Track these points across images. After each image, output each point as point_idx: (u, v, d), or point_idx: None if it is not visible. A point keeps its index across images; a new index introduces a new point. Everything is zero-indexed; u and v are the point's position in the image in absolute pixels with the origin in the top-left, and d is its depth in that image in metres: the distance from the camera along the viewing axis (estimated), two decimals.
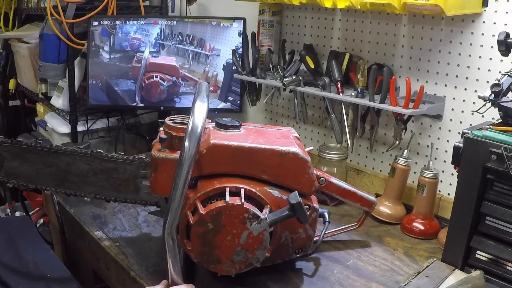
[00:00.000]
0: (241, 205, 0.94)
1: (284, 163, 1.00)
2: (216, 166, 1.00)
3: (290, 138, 1.07)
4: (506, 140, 0.99)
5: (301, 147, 1.04)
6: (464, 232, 1.08)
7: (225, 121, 1.06)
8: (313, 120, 1.74)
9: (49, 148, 1.11)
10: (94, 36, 1.90)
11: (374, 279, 1.10)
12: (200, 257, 0.97)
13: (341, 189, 1.17)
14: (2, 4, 2.65)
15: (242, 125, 1.09)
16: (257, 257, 0.98)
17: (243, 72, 1.72)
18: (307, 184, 1.03)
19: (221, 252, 0.96)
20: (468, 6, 1.23)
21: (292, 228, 1.04)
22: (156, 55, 1.90)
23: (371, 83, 1.38)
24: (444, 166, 1.39)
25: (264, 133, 1.09)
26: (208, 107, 0.96)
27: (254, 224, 0.95)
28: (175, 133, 1.03)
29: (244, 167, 1.00)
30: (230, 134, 1.04)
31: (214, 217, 0.94)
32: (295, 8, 1.73)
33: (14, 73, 2.58)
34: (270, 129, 1.13)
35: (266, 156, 1.00)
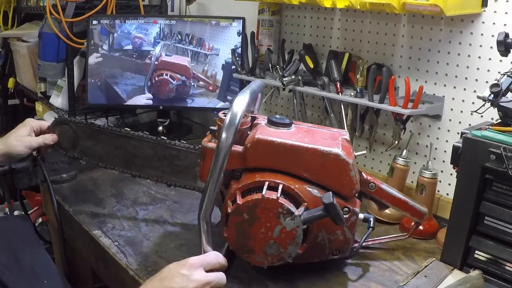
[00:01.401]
0: (276, 199, 0.96)
1: (326, 163, 1.00)
2: (259, 161, 1.03)
3: (338, 140, 1.06)
4: (505, 140, 0.99)
5: (346, 150, 1.03)
6: (463, 232, 1.08)
7: (277, 118, 1.09)
8: (312, 119, 1.74)
9: (119, 132, 1.23)
10: (93, 35, 1.90)
11: (373, 279, 1.11)
12: (235, 245, 1.01)
13: (391, 197, 1.15)
14: (2, 3, 2.64)
15: (293, 124, 1.10)
16: (289, 252, 0.99)
17: (242, 72, 1.72)
18: (347, 186, 1.02)
19: (255, 243, 0.99)
20: (468, 7, 1.24)
21: (330, 228, 1.03)
22: (169, 54, 1.90)
23: (370, 83, 1.38)
24: (443, 166, 1.39)
25: (313, 132, 1.09)
26: (248, 101, 0.98)
27: (288, 220, 0.96)
28: (222, 124, 1.06)
29: (286, 164, 1.01)
30: (278, 131, 1.05)
31: (250, 208, 0.97)
32: (295, 7, 1.73)
33: (13, 72, 2.58)
34: (321, 130, 1.13)
35: (308, 155, 1.00)
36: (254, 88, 1.08)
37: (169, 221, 1.31)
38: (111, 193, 1.47)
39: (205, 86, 1.90)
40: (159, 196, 1.46)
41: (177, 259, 1.15)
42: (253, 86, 1.09)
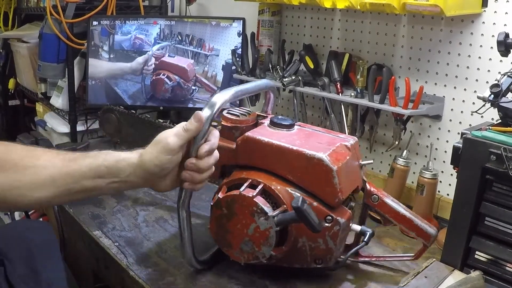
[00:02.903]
0: (251, 197, 0.96)
1: (309, 167, 0.97)
2: (248, 158, 1.03)
3: (333, 145, 1.01)
4: (505, 141, 0.99)
5: (337, 156, 0.98)
6: (463, 232, 1.08)
7: (278, 119, 1.08)
8: (313, 120, 1.74)
9: (154, 122, 1.33)
10: (93, 36, 1.90)
11: (373, 279, 1.10)
12: (216, 237, 1.04)
13: (395, 212, 1.08)
14: (2, 4, 2.65)
15: (298, 125, 1.09)
16: (263, 253, 0.98)
17: (242, 72, 1.72)
18: (330, 194, 0.98)
19: (233, 238, 1.00)
20: (468, 7, 1.23)
21: (311, 235, 1.00)
22: (172, 55, 1.90)
23: (371, 83, 1.38)
24: (443, 167, 1.39)
25: (313, 136, 1.06)
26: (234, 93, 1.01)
27: (262, 219, 0.96)
28: (223, 122, 1.08)
29: (272, 164, 1.01)
30: (274, 132, 1.05)
31: (228, 203, 0.99)
32: (295, 8, 1.73)
33: (13, 72, 2.59)
34: (325, 134, 1.09)
35: (293, 157, 0.98)
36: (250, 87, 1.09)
37: (169, 222, 1.31)
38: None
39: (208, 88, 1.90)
40: (159, 196, 1.45)
41: (177, 259, 1.16)
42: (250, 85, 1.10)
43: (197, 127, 0.91)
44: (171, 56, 1.90)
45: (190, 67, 1.90)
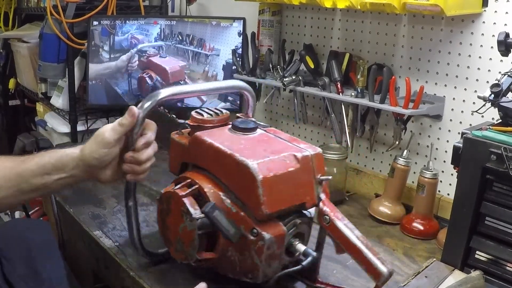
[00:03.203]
0: (180, 196, 0.95)
1: (240, 174, 0.90)
2: (196, 158, 1.02)
3: (278, 154, 0.93)
4: (505, 140, 0.99)
5: (273, 165, 0.90)
6: (463, 232, 1.08)
7: (238, 121, 1.03)
8: (313, 120, 1.74)
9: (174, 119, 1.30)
10: (94, 36, 1.90)
11: None
12: (161, 232, 1.04)
13: (345, 239, 0.92)
14: (2, 4, 2.64)
15: (264, 131, 1.03)
16: (191, 254, 0.96)
17: (243, 72, 1.72)
18: (254, 205, 0.89)
19: (170, 234, 1.01)
20: (468, 6, 1.23)
21: (237, 246, 0.94)
22: (164, 55, 1.90)
23: (371, 83, 1.38)
24: (443, 166, 1.39)
25: (267, 142, 0.99)
26: (178, 91, 1.02)
27: (188, 220, 0.94)
28: (189, 121, 1.07)
29: (213, 166, 0.97)
30: (230, 134, 1.02)
31: (166, 199, 0.99)
32: (295, 8, 1.73)
33: (13, 72, 2.58)
34: (283, 141, 1.00)
35: (227, 161, 0.93)
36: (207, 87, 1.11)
37: None
38: (112, 193, 1.47)
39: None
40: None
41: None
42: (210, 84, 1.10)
43: (131, 121, 0.95)
44: (163, 56, 1.90)
45: (175, 69, 1.88)
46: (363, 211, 1.44)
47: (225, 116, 1.08)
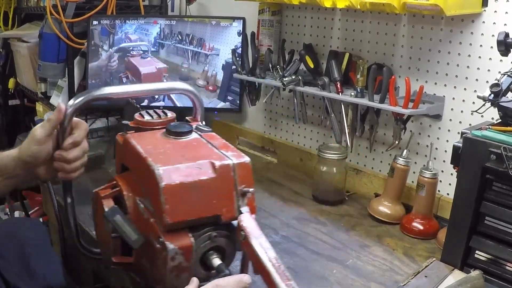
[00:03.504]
0: (100, 198, 0.95)
1: (150, 179, 0.86)
2: (125, 159, 1.01)
3: (193, 161, 0.88)
4: (505, 140, 0.99)
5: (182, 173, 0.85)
6: (463, 232, 1.08)
7: (171, 125, 1.00)
8: (313, 120, 1.74)
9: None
10: (93, 36, 1.90)
11: (373, 279, 1.11)
12: (95, 231, 1.07)
13: (256, 258, 0.84)
14: (2, 4, 2.64)
15: (199, 136, 0.99)
16: (108, 257, 0.96)
17: (242, 72, 1.72)
18: (158, 213, 0.84)
19: (98, 234, 1.03)
20: (468, 6, 1.23)
21: (150, 255, 0.89)
22: (146, 56, 1.90)
23: (371, 83, 1.38)
24: (443, 166, 1.39)
25: (193, 148, 0.95)
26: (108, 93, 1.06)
27: (105, 222, 0.93)
28: (130, 123, 1.07)
29: (135, 169, 0.96)
30: (159, 138, 0.98)
31: (94, 199, 0.99)
32: (295, 7, 1.73)
33: (13, 72, 2.58)
34: (210, 148, 0.94)
35: (142, 164, 0.89)
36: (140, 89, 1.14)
37: None
38: None
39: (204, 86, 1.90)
40: None
41: None
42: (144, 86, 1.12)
43: (57, 117, 0.97)
44: (144, 57, 1.90)
45: (149, 71, 1.88)
46: (363, 211, 1.44)
47: (169, 118, 1.05)
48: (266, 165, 1.80)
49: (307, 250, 1.22)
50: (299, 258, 1.18)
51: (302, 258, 1.18)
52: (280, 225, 1.34)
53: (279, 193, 1.55)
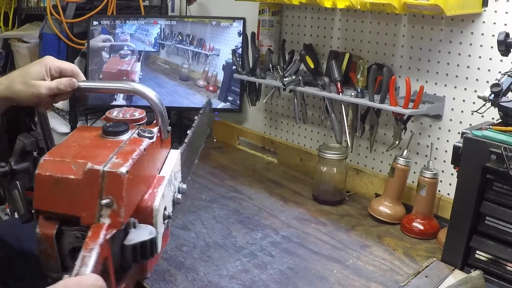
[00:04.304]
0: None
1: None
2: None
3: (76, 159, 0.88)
4: (505, 140, 0.99)
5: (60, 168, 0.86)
6: (463, 232, 1.08)
7: (107, 125, 1.00)
8: (313, 120, 1.74)
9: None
10: (94, 36, 1.90)
11: (373, 279, 1.11)
12: None
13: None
14: (2, 4, 2.64)
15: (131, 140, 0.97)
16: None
17: (243, 72, 1.72)
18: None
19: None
20: (468, 6, 1.23)
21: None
22: (124, 56, 1.91)
23: (371, 83, 1.38)
24: (443, 166, 1.39)
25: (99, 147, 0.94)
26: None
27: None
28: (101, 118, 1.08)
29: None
30: (88, 133, 1.00)
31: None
32: (295, 8, 1.73)
33: None
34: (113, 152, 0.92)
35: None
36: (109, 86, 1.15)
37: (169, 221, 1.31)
38: None
39: (204, 86, 1.90)
40: None
41: (177, 259, 1.16)
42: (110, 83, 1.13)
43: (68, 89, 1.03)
44: (123, 57, 1.90)
45: (109, 70, 1.89)
46: (363, 211, 1.44)
47: (133, 118, 1.04)
48: (266, 165, 1.80)
49: (307, 250, 1.22)
50: (299, 258, 1.18)
51: (302, 258, 1.18)
52: (280, 225, 1.34)
53: (279, 193, 1.55)
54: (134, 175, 0.87)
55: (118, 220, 0.84)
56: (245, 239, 1.26)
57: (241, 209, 1.43)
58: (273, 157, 1.87)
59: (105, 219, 0.84)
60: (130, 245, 0.85)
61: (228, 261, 1.16)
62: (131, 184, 0.87)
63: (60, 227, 0.87)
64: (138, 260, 0.87)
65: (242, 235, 1.28)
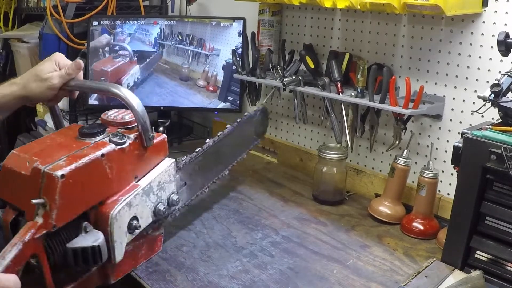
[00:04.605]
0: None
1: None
2: None
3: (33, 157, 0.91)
4: (505, 140, 0.99)
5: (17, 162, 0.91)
6: (463, 232, 1.08)
7: (82, 127, 1.02)
8: (313, 120, 1.74)
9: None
10: (94, 36, 1.90)
11: (373, 279, 1.11)
12: None
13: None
14: (2, 4, 2.65)
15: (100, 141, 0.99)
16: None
17: (243, 72, 1.72)
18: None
19: None
20: (468, 6, 1.23)
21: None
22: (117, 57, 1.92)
23: (371, 83, 1.38)
24: (443, 166, 1.39)
25: (61, 148, 0.97)
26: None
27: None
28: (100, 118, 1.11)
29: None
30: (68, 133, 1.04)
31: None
32: (295, 8, 1.73)
33: (14, 72, 2.58)
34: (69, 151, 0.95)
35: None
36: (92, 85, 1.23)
37: (170, 222, 1.31)
38: None
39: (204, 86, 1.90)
40: None
41: (177, 259, 1.16)
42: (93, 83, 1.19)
43: (77, 71, 1.10)
44: (115, 57, 1.91)
45: (96, 68, 1.90)
46: (363, 211, 1.44)
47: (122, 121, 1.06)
48: (266, 165, 1.80)
49: (308, 250, 1.22)
50: (299, 258, 1.18)
51: (303, 258, 1.18)
52: (281, 225, 1.34)
53: (279, 193, 1.55)
54: (76, 180, 0.88)
55: (49, 222, 0.86)
56: (245, 239, 1.26)
57: (241, 209, 1.43)
58: (273, 157, 1.87)
59: (39, 218, 0.86)
60: (71, 248, 0.88)
61: (228, 261, 1.16)
62: (70, 188, 0.88)
63: (18, 217, 0.91)
64: (79, 264, 0.89)
65: (242, 235, 1.28)
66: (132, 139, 1.01)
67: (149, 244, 1.12)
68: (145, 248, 1.11)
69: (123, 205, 0.96)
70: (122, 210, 0.96)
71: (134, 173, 1.02)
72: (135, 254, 1.09)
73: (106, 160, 0.95)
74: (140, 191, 1.00)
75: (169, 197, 1.09)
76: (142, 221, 1.01)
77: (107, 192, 0.96)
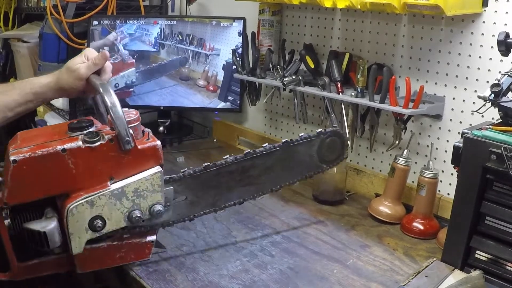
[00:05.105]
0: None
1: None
2: None
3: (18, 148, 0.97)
4: (506, 140, 0.99)
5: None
6: (463, 232, 1.08)
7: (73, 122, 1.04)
8: (313, 120, 1.74)
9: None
10: (94, 36, 1.90)
11: (373, 279, 1.11)
12: None
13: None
14: (2, 4, 2.65)
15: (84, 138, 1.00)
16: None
17: (243, 72, 1.72)
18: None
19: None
20: (468, 6, 1.23)
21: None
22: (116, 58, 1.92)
23: (371, 83, 1.38)
24: (444, 166, 1.39)
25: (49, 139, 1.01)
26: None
27: None
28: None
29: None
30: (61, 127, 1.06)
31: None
32: (295, 7, 1.73)
33: (14, 72, 2.58)
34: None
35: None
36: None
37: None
38: None
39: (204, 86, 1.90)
40: None
41: (177, 259, 1.16)
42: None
43: (103, 62, 1.15)
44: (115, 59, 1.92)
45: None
46: (363, 211, 1.44)
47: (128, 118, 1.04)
48: None
49: (308, 250, 1.22)
50: (299, 258, 1.18)
51: (303, 258, 1.18)
52: (281, 225, 1.34)
53: (279, 193, 1.55)
54: (30, 167, 0.95)
55: (1, 199, 0.96)
56: (245, 239, 1.26)
57: (241, 209, 1.43)
58: None
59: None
60: (23, 228, 0.97)
61: (228, 261, 1.16)
62: (22, 174, 0.95)
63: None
64: (31, 244, 0.98)
65: (242, 235, 1.28)
66: (106, 140, 0.99)
67: (133, 249, 1.08)
68: (127, 251, 1.07)
69: (82, 202, 0.97)
70: (81, 206, 0.97)
71: (109, 174, 1.00)
72: (111, 254, 1.06)
73: (69, 155, 0.97)
74: (107, 192, 0.99)
75: (151, 207, 1.04)
76: (109, 223, 1.00)
77: (71, 186, 0.98)
